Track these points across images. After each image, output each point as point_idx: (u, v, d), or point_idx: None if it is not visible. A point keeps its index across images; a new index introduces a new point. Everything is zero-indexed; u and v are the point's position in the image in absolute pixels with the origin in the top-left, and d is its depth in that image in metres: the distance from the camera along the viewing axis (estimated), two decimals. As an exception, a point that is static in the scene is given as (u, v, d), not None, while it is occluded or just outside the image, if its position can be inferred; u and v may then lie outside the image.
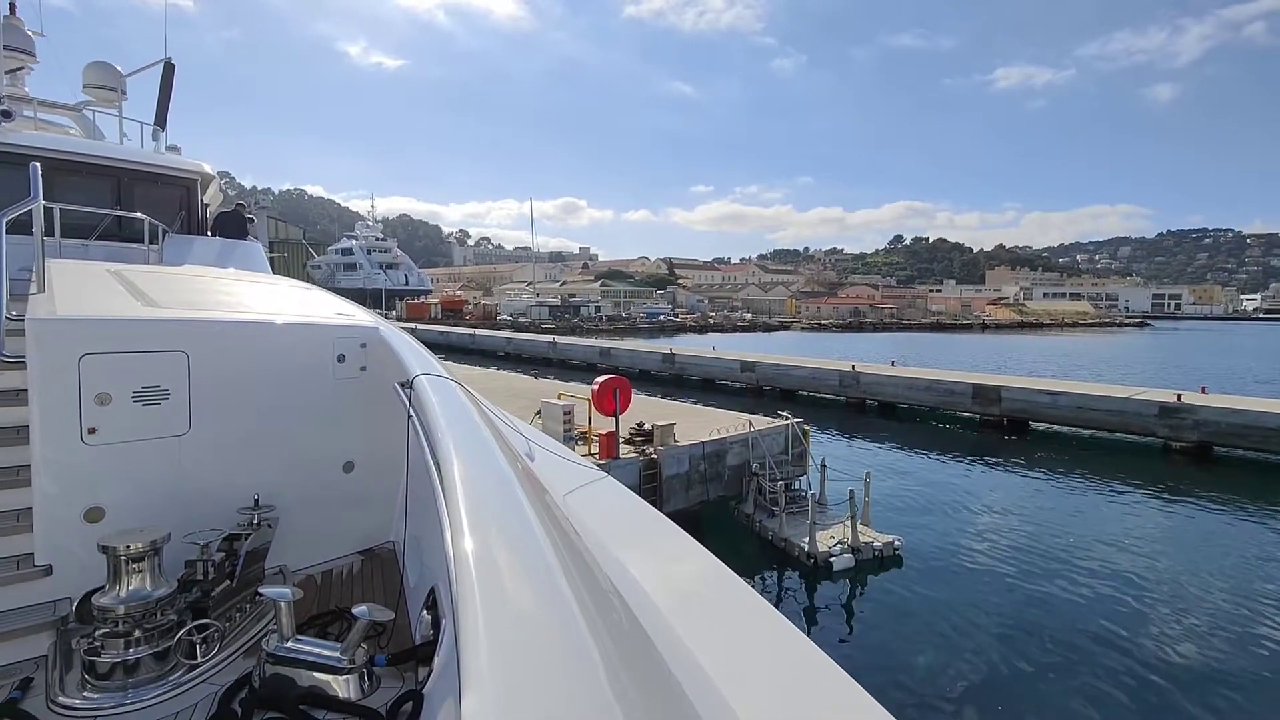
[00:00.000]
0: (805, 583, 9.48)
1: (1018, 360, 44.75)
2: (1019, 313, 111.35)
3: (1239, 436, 16.65)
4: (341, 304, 4.75)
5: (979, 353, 51.52)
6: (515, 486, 2.21)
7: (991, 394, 20.80)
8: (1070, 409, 19.21)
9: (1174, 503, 13.79)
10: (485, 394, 14.88)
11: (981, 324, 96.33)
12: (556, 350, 40.70)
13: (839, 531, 10.06)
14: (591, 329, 68.10)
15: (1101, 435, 18.81)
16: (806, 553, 9.57)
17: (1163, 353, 56.54)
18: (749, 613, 2.20)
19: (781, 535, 10.16)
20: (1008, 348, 58.43)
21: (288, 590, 2.27)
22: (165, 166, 8.02)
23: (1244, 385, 28.57)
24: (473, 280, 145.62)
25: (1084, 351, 56.12)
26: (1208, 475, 15.78)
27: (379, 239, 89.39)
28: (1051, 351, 55.15)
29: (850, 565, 9.48)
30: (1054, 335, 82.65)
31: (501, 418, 3.82)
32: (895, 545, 9.97)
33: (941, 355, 46.04)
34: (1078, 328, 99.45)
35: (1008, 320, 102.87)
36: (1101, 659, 7.54)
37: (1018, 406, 20.31)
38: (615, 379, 10.99)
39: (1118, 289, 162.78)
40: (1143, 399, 18.16)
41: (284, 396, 3.56)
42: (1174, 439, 17.36)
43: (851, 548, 9.66)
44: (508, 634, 1.40)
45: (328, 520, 3.74)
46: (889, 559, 9.89)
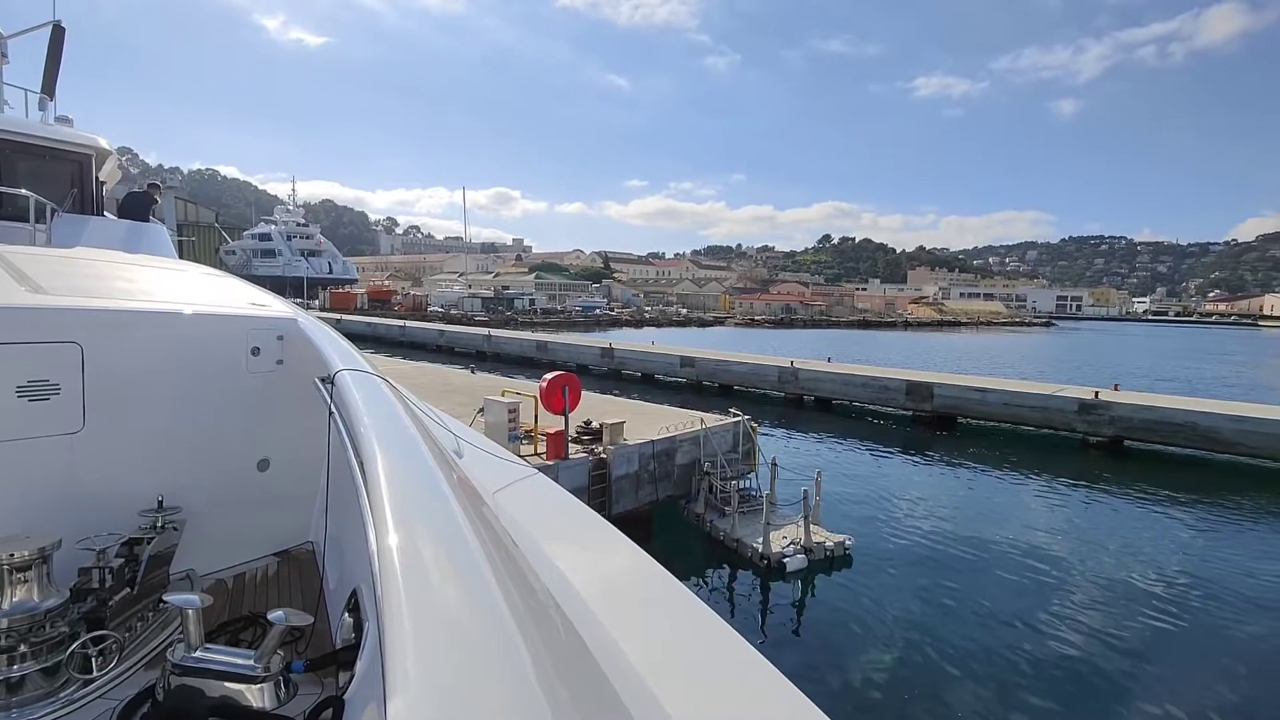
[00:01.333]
0: (759, 584, 9.32)
1: (943, 358, 46.72)
2: (939, 312, 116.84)
3: (1149, 431, 17.71)
4: (257, 293, 4.46)
5: (905, 350, 53.55)
6: (442, 484, 2.13)
7: (924, 391, 21.43)
8: (998, 405, 20.00)
9: (1094, 494, 14.52)
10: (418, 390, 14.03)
11: (905, 322, 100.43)
12: (491, 344, 39.59)
13: (791, 531, 9.95)
14: (526, 322, 66.87)
15: (1025, 430, 19.66)
16: (760, 554, 9.40)
17: (1069, 351, 60.44)
18: (679, 608, 2.17)
19: (734, 536, 9.96)
20: (931, 345, 61.06)
21: (195, 597, 2.11)
22: (54, 139, 7.43)
23: (1150, 383, 30.65)
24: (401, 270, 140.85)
25: (1000, 349, 59.26)
26: (1122, 467, 16.71)
27: (300, 224, 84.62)
28: (971, 349, 58.00)
29: (803, 566, 9.38)
30: (971, 334, 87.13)
31: (429, 414, 3.70)
32: (846, 545, 9.94)
33: (871, 352, 47.51)
34: (992, 326, 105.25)
35: (929, 319, 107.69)
36: (1031, 645, 7.93)
37: (949, 403, 21.00)
38: (564, 376, 10.51)
39: (1026, 290, 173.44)
40: (1064, 396, 19.08)
41: (192, 392, 3.35)
42: (1091, 434, 18.31)
43: (804, 548, 9.56)
44: (434, 634, 1.36)
45: (240, 521, 3.54)
46: (840, 558, 9.85)
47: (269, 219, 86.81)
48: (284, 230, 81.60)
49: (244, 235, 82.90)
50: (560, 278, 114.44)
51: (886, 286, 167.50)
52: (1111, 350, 63.07)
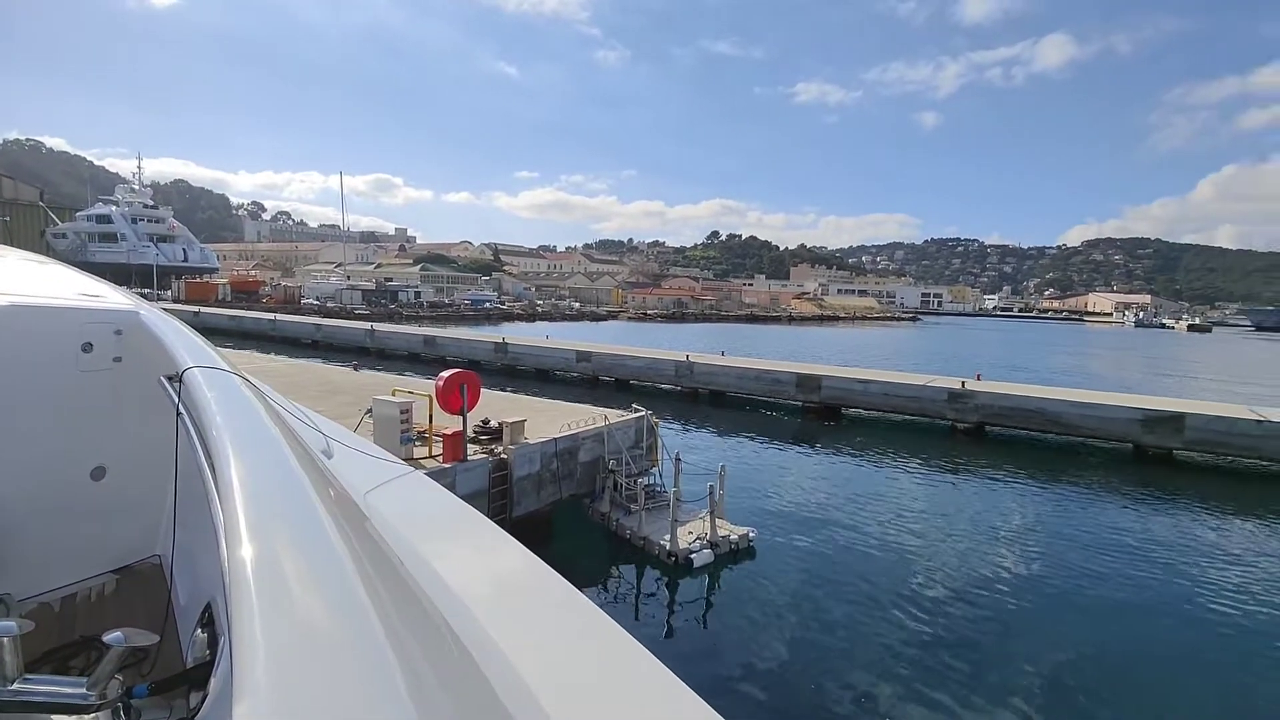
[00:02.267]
0: (666, 581, 9.23)
1: (826, 351, 49.30)
2: (820, 307, 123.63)
3: (1006, 417, 19.45)
4: (89, 282, 4.07)
5: (790, 343, 56.07)
6: (306, 486, 2.03)
7: (813, 383, 22.39)
8: (879, 396, 21.24)
9: (963, 476, 15.75)
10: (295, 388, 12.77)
11: (789, 316, 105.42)
12: (374, 339, 37.36)
13: (697, 527, 9.96)
14: (412, 316, 63.84)
15: (902, 418, 21.02)
16: (668, 551, 9.32)
17: (935, 344, 65.77)
18: (561, 604, 2.14)
19: (641, 534, 9.83)
20: (814, 339, 64.32)
21: (12, 624, 1.86)
22: None
23: (1006, 373, 33.83)
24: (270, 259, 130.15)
25: (876, 343, 63.49)
26: (985, 450, 18.24)
27: (148, 205, 75.99)
28: (850, 343, 61.68)
29: (710, 560, 9.40)
30: (848, 328, 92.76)
31: (295, 413, 3.47)
32: (749, 537, 10.08)
33: (760, 346, 49.33)
34: (866, 321, 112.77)
35: (810, 313, 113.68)
36: (916, 623, 8.45)
37: (835, 394, 22.06)
38: (462, 373, 9.91)
39: (895, 287, 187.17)
40: (935, 386, 20.55)
41: (10, 392, 3.07)
42: (958, 420, 19.86)
43: (710, 543, 9.59)
44: (290, 644, 1.31)
45: (70, 536, 3.26)
46: (744, 551, 9.98)
47: (109, 199, 77.21)
48: (128, 212, 72.98)
49: (77, 216, 73.25)
50: (448, 270, 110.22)
51: (771, 283, 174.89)
52: (970, 343, 69.37)
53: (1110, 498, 14.35)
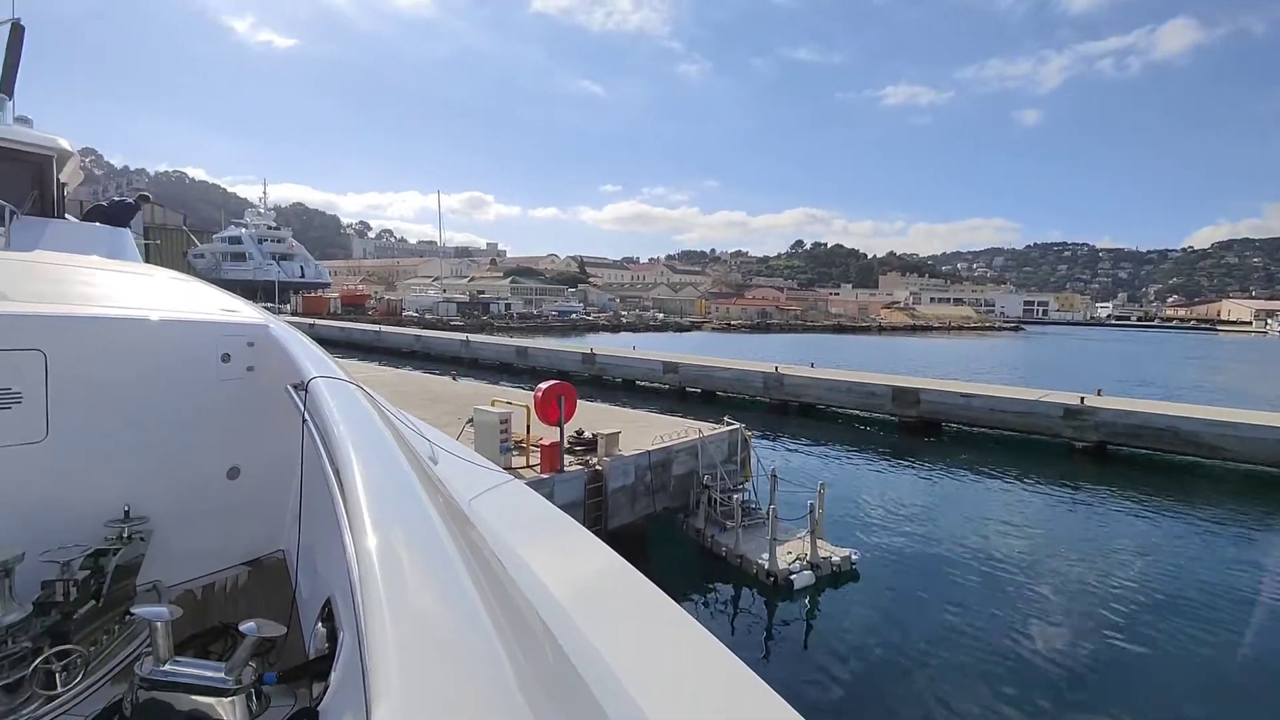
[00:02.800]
0: (765, 602, 9.01)
1: (921, 363, 47.16)
2: (911, 317, 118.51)
3: (1132, 436, 17.86)
4: (226, 298, 4.34)
5: (882, 355, 54.00)
6: (419, 490, 2.12)
7: (910, 396, 21.42)
8: (983, 411, 20.05)
9: (1084, 499, 14.55)
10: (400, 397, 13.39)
11: (879, 326, 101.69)
12: (469, 349, 38.90)
13: (796, 547, 9.66)
14: (502, 327, 66.11)
15: (1010, 435, 19.72)
16: (766, 570, 9.09)
17: (1042, 355, 61.50)
18: (656, 613, 2.18)
19: (737, 551, 9.65)
20: (906, 350, 61.69)
21: (164, 609, 2.06)
22: (12, 139, 7.31)
23: (1129, 388, 31.15)
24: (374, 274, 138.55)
25: (976, 354, 60.11)
26: (1108, 472, 16.81)
27: (271, 227, 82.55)
28: (947, 354, 58.70)
29: (810, 582, 9.09)
30: (943, 338, 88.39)
31: (404, 421, 3.66)
32: (852, 560, 9.69)
33: (849, 357, 47.77)
34: (963, 331, 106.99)
35: (902, 323, 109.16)
36: (1037, 657, 7.85)
37: (934, 408, 21.01)
38: (560, 385, 10.11)
39: (994, 295, 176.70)
40: (1049, 401, 19.17)
41: (160, 399, 3.27)
42: (1077, 439, 18.41)
43: (811, 564, 9.29)
44: (416, 642, 1.36)
45: (210, 531, 3.46)
46: (846, 574, 9.60)
47: (239, 222, 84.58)
48: (255, 233, 79.53)
49: (213, 238, 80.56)
50: (536, 282, 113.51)
51: (859, 291, 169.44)
52: (1083, 354, 64.42)
53: (1258, 531, 12.87)
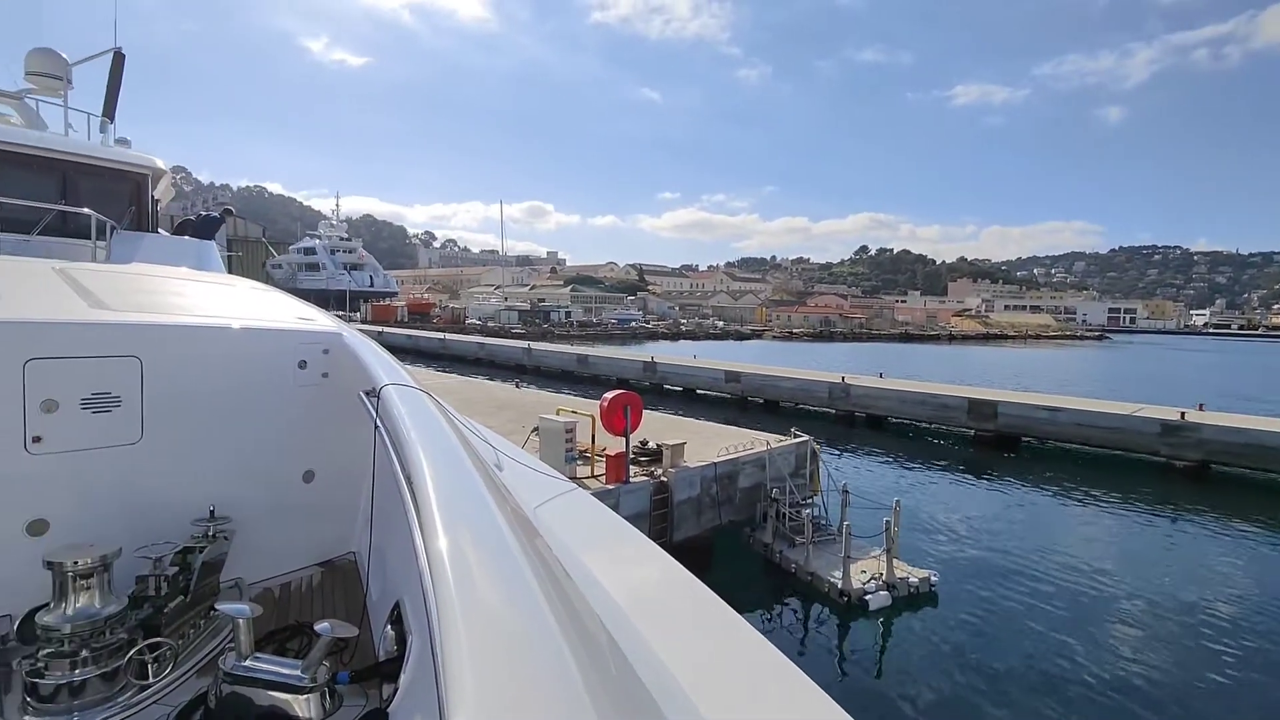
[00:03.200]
0: (837, 622, 8.62)
1: (997, 373, 45.02)
2: (984, 325, 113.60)
3: (1239, 456, 16.42)
4: (302, 307, 4.53)
5: (953, 365, 51.90)
6: (487, 498, 2.15)
7: (987, 409, 20.37)
8: (1069, 426, 18.85)
9: (1185, 523, 13.44)
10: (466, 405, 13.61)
11: (949, 335, 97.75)
12: (531, 357, 39.44)
13: (870, 565, 9.21)
14: (563, 334, 66.89)
15: (1099, 452, 18.46)
16: (839, 589, 8.69)
17: (1132, 366, 57.76)
18: (719, 623, 2.20)
19: (808, 569, 9.27)
20: (979, 360, 59.07)
21: (246, 607, 2.17)
22: (114, 160, 7.71)
23: (1235, 402, 28.80)
24: (439, 283, 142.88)
25: (1056, 365, 57.00)
26: (1211, 493, 15.50)
27: (343, 239, 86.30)
28: (1025, 365, 55.88)
29: (886, 604, 8.64)
30: (1019, 347, 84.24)
31: (470, 428, 3.73)
32: (931, 581, 9.17)
33: (918, 367, 46.12)
34: (1041, 340, 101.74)
35: (973, 332, 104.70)
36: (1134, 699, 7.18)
37: (1014, 422, 19.91)
38: (626, 394, 9.99)
39: (1075, 303, 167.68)
40: (1144, 416, 17.87)
41: (241, 404, 3.43)
42: (1175, 458, 17.07)
43: (886, 584, 8.83)
44: (488, 650, 1.38)
45: (286, 531, 3.58)
46: (924, 596, 9.09)
47: (313, 233, 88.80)
48: (328, 244, 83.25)
49: (289, 250, 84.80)
50: (595, 290, 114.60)
51: (927, 299, 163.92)
52: (1178, 366, 60.14)
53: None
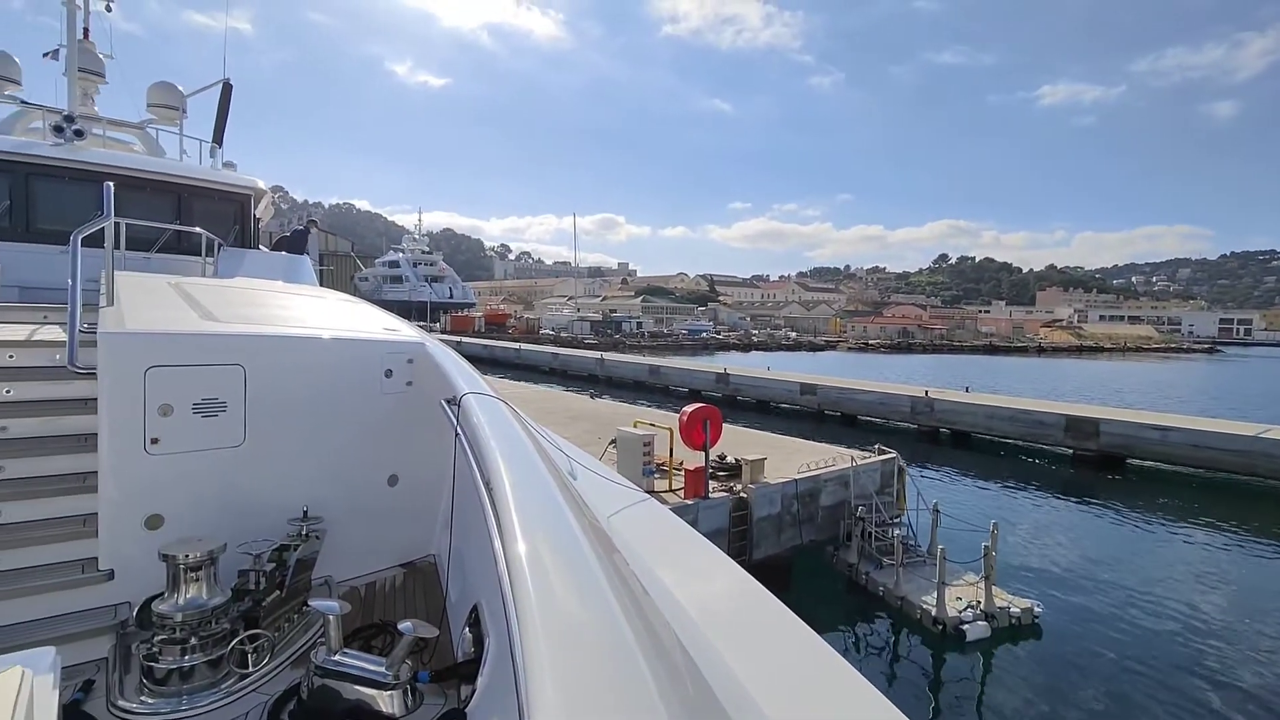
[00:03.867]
0: (930, 652, 8.15)
1: (1095, 389, 42.17)
2: (1076, 336, 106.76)
3: (1390, 484, 14.67)
4: (388, 319, 4.72)
5: (1042, 378, 48.96)
6: (564, 506, 2.18)
7: (1088, 427, 19.04)
8: (1183, 447, 17.35)
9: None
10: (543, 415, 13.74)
11: (1038, 347, 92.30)
12: (604, 367, 39.78)
13: (967, 592, 8.69)
14: (634, 345, 67.21)
15: (1219, 476, 16.89)
16: (933, 617, 8.23)
17: (1248, 382, 52.81)
18: (790, 635, 2.18)
19: (897, 592, 8.84)
20: (1073, 373, 55.44)
21: (336, 604, 2.26)
22: (222, 182, 8.28)
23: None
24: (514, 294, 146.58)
25: (1160, 380, 52.80)
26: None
27: (425, 252, 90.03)
28: (1126, 380, 52.03)
29: (985, 635, 8.12)
30: (1117, 361, 78.60)
31: (545, 436, 3.80)
32: (1034, 612, 8.57)
33: (1006, 381, 43.76)
34: (1142, 353, 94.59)
35: (1065, 344, 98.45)
36: None
37: (1118, 441, 18.52)
38: (706, 408, 9.87)
39: (1180, 313, 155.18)
40: (1272, 438, 16.22)
41: (332, 410, 3.58)
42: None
43: (985, 613, 8.30)
44: (567, 655, 1.39)
45: (372, 533, 3.73)
46: (1027, 629, 8.49)
47: (397, 247, 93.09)
48: (410, 258, 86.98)
49: (375, 263, 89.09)
50: (666, 301, 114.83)
51: (1013, 309, 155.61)
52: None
53: None
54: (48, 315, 4.70)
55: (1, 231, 7.00)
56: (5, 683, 1.56)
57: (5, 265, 6.41)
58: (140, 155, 9.22)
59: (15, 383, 3.49)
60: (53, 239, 6.79)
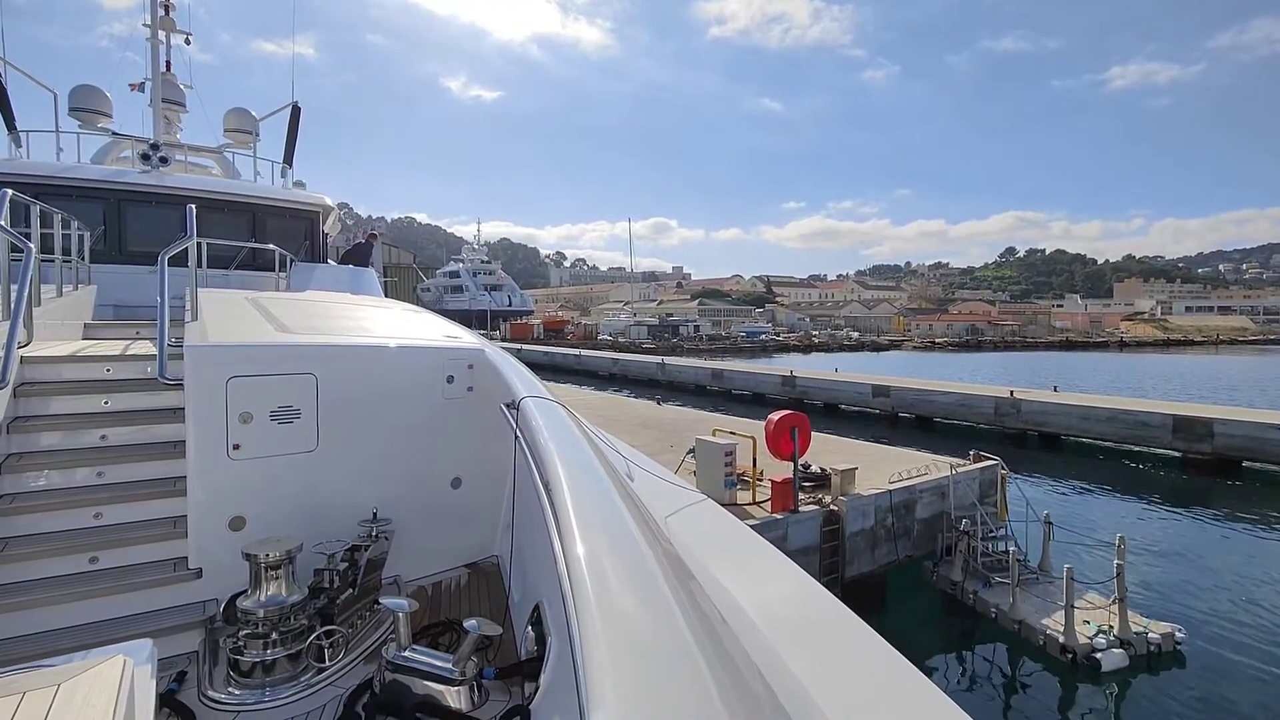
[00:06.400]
0: (1059, 682, 7.36)
1: (1188, 385, 39.23)
2: (1161, 329, 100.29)
3: None
4: (449, 326, 4.85)
5: (1127, 375, 45.94)
6: (622, 508, 2.19)
7: (1200, 428, 17.48)
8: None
9: None
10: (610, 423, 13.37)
11: (1119, 342, 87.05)
12: (665, 372, 39.36)
13: (1095, 616, 7.85)
14: (692, 349, 66.60)
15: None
16: (1061, 644, 7.43)
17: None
18: (850, 637, 2.10)
19: (1014, 616, 8.05)
20: (1160, 370, 51.81)
21: (405, 602, 2.34)
22: (293, 201, 8.57)
23: None
24: (570, 301, 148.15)
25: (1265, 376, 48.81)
26: None
27: (484, 261, 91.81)
28: (1222, 375, 48.25)
29: (1123, 665, 7.27)
30: (1209, 355, 73.27)
31: (602, 439, 3.84)
32: (1176, 638, 7.66)
33: (1083, 378, 41.18)
34: (1236, 345, 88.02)
35: (1149, 338, 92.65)
36: None
37: (1237, 443, 16.91)
38: (793, 415, 9.30)
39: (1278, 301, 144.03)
40: None
41: (398, 415, 3.68)
42: None
43: (1120, 639, 7.46)
44: (626, 654, 1.39)
45: (437, 534, 3.82)
46: (1168, 656, 7.60)
47: (457, 258, 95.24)
48: (470, 268, 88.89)
49: (436, 274, 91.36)
50: (722, 304, 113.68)
51: (1089, 302, 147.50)
52: None
53: None
54: (139, 331, 4.98)
55: (98, 255, 7.41)
56: (109, 670, 1.64)
57: (102, 286, 6.88)
58: (218, 178, 9.72)
59: (112, 394, 3.69)
60: (142, 260, 7.23)
